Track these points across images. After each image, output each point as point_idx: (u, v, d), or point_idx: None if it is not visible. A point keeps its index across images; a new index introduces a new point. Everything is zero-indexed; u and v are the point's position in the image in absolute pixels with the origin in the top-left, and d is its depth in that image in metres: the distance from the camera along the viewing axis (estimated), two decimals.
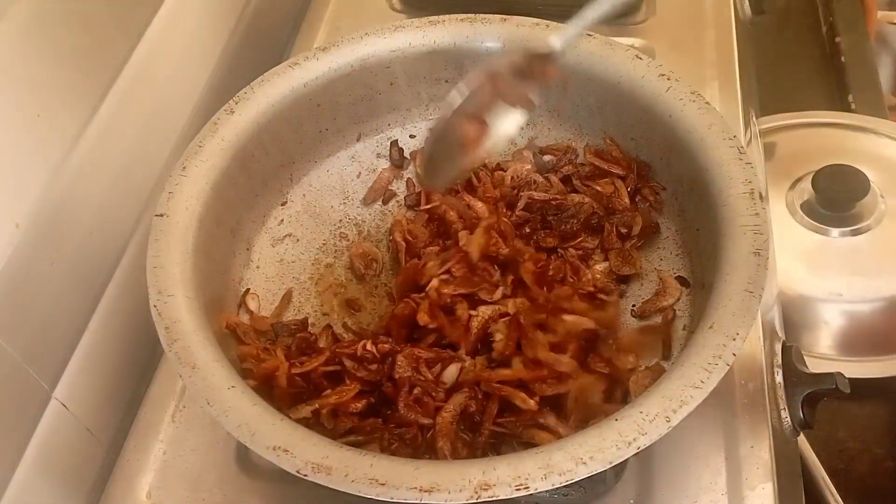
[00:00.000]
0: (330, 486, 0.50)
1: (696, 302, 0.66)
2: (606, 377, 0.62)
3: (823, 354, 0.92)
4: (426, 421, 0.59)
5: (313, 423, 0.59)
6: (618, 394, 0.62)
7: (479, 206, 0.72)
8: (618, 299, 0.68)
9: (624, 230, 0.71)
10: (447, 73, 0.78)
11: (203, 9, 0.86)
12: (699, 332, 0.56)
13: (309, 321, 0.70)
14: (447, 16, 0.76)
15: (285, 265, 0.74)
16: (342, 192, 0.78)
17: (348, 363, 0.62)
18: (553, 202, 0.72)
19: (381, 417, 0.61)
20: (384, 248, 0.75)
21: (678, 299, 0.67)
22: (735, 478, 0.61)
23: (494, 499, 0.49)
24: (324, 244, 0.76)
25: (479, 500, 0.49)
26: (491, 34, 0.75)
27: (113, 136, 0.70)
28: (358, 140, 0.80)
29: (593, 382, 0.61)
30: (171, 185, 0.65)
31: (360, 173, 0.79)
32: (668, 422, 0.51)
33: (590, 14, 0.59)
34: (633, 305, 0.69)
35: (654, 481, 0.61)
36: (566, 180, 0.75)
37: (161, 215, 0.64)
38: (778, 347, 0.71)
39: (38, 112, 0.62)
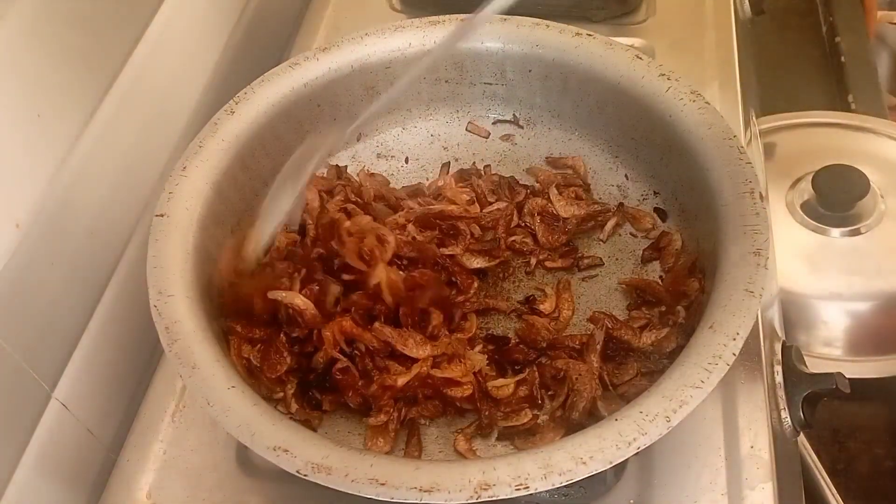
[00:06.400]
0: (330, 486, 0.50)
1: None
2: None
3: (823, 354, 0.92)
4: None
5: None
6: None
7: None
8: None
9: None
10: (447, 73, 0.78)
11: (203, 9, 0.86)
12: (699, 332, 0.56)
13: None
14: (447, 16, 0.76)
15: None
16: None
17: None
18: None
19: None
20: None
21: None
22: (735, 478, 0.61)
23: (494, 499, 0.49)
24: None
25: (479, 500, 0.49)
26: (491, 34, 0.75)
27: (113, 136, 0.70)
28: (358, 140, 0.80)
29: None
30: (171, 185, 0.65)
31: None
32: (667, 422, 0.51)
33: None
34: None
35: (654, 481, 0.61)
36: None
37: (161, 215, 0.64)
38: (778, 347, 0.71)
39: (38, 112, 0.62)
